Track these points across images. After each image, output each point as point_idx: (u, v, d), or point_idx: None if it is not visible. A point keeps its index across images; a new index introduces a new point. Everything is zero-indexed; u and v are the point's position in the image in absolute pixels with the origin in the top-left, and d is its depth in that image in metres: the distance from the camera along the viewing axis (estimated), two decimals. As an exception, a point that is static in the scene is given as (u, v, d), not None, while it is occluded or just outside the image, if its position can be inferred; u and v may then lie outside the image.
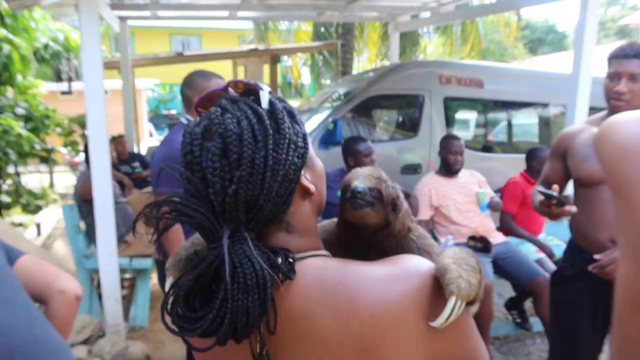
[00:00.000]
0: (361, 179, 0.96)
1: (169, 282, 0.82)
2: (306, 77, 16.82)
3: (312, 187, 0.78)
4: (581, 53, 3.47)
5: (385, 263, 0.75)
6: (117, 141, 6.08)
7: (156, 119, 18.64)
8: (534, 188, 2.28)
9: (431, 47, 15.66)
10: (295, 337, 0.72)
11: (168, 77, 19.02)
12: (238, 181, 0.69)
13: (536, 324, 3.95)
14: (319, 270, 0.74)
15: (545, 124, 6.27)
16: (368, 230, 0.98)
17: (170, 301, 0.69)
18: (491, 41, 18.78)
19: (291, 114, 0.78)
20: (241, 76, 8.02)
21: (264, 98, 0.75)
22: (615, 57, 1.97)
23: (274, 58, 7.80)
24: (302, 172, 0.77)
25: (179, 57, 7.83)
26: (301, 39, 12.04)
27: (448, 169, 3.74)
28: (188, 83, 2.47)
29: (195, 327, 0.66)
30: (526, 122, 6.61)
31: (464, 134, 6.28)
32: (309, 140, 0.80)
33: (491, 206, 3.74)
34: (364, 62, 14.80)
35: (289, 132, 0.74)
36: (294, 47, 10.09)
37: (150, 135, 15.54)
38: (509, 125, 6.28)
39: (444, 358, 0.72)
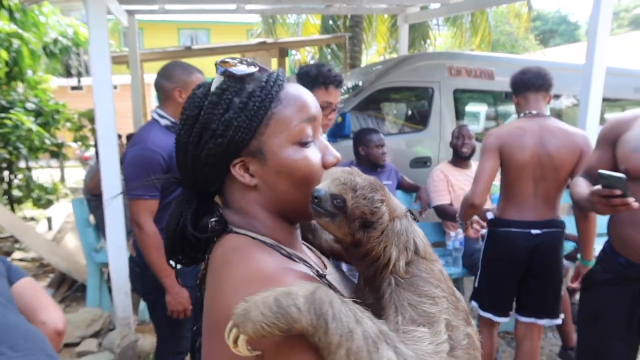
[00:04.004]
0: (327, 182, 0.78)
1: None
2: (315, 71, 16.72)
3: (245, 179, 0.81)
4: (595, 43, 3.40)
5: (278, 268, 0.73)
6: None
7: (165, 113, 18.68)
8: (575, 179, 2.13)
9: (440, 40, 15.51)
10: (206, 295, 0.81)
11: (177, 72, 19.05)
12: (175, 147, 0.85)
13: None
14: (230, 246, 0.79)
15: (557, 115, 6.19)
16: (342, 244, 0.84)
17: None
18: (502, 33, 18.57)
19: (238, 100, 0.79)
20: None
21: (215, 82, 0.82)
22: None
23: (282, 51, 7.76)
24: (239, 161, 0.80)
25: (188, 51, 7.82)
26: (309, 32, 11.97)
27: (459, 156, 3.78)
28: (167, 75, 2.32)
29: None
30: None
31: (474, 127, 6.22)
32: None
33: None
34: (372, 55, 14.71)
35: (205, 118, 0.79)
36: (302, 40, 10.04)
37: (160, 129, 15.58)
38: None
39: None
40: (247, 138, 0.78)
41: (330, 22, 11.20)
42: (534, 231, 2.60)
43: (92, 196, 4.18)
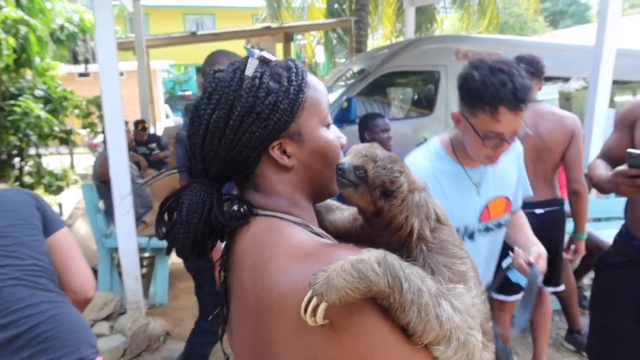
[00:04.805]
0: (350, 156, 0.86)
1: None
2: (320, 56, 16.66)
3: (284, 161, 0.83)
4: (605, 24, 3.36)
5: (319, 243, 0.76)
6: (138, 128, 6.12)
7: (172, 100, 18.70)
8: (593, 161, 2.13)
9: (448, 23, 15.32)
10: (235, 278, 0.83)
11: (183, 58, 19.02)
12: (197, 133, 0.81)
13: (553, 301, 3.92)
14: (263, 228, 0.80)
15: (566, 99, 6.14)
16: (365, 215, 0.90)
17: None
18: (510, 14, 18.30)
19: (278, 85, 0.81)
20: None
21: (249, 66, 0.81)
22: None
23: (287, 36, 7.72)
24: (277, 143, 0.82)
25: (193, 37, 7.79)
26: (315, 17, 11.89)
27: None
28: (211, 63, 2.41)
29: (161, 234, 0.85)
30: (546, 97, 6.47)
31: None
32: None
33: None
34: (378, 39, 14.57)
35: (249, 102, 0.79)
36: (307, 24, 9.97)
37: (167, 116, 15.62)
38: (528, 100, 6.17)
39: (324, 358, 0.67)
40: (289, 121, 0.81)
41: (336, 5, 11.10)
42: (537, 210, 2.74)
43: (101, 182, 4.23)
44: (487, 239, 1.74)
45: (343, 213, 1.02)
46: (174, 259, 4.89)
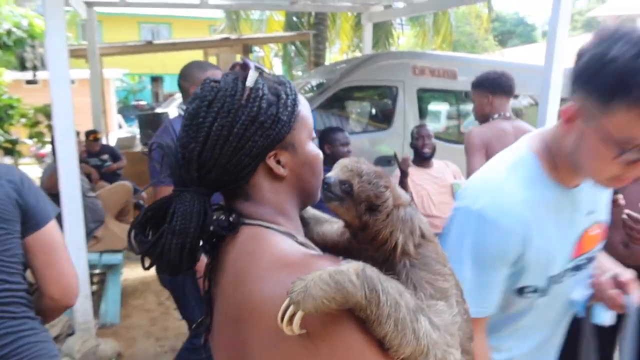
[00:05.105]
0: (337, 170, 0.89)
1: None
2: (278, 68, 16.70)
3: (280, 170, 0.85)
4: (554, 45, 3.51)
5: (302, 253, 0.79)
6: (90, 138, 5.89)
7: (125, 110, 18.19)
8: None
9: (403, 39, 15.71)
10: (219, 286, 0.85)
11: (137, 67, 18.60)
12: (194, 141, 0.80)
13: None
14: (248, 236, 0.82)
15: (516, 115, 6.38)
16: (351, 229, 0.92)
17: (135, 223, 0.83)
18: (462, 33, 18.98)
19: (276, 97, 0.84)
20: (213, 66, 7.87)
21: (251, 77, 0.83)
22: None
23: (246, 48, 7.69)
24: (273, 153, 0.84)
25: (148, 46, 7.62)
26: (273, 29, 11.92)
27: (420, 156, 3.82)
28: (184, 75, 2.48)
29: (140, 248, 0.81)
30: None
31: (435, 126, 6.33)
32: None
33: None
34: (335, 53, 14.76)
35: (254, 111, 0.80)
36: (266, 37, 9.97)
37: (120, 127, 15.16)
38: (481, 116, 6.36)
39: None
40: (287, 132, 0.84)
41: (295, 19, 11.17)
42: None
43: (50, 195, 4.03)
44: (573, 280, 1.26)
45: (332, 226, 1.03)
46: (126, 275, 4.71)
